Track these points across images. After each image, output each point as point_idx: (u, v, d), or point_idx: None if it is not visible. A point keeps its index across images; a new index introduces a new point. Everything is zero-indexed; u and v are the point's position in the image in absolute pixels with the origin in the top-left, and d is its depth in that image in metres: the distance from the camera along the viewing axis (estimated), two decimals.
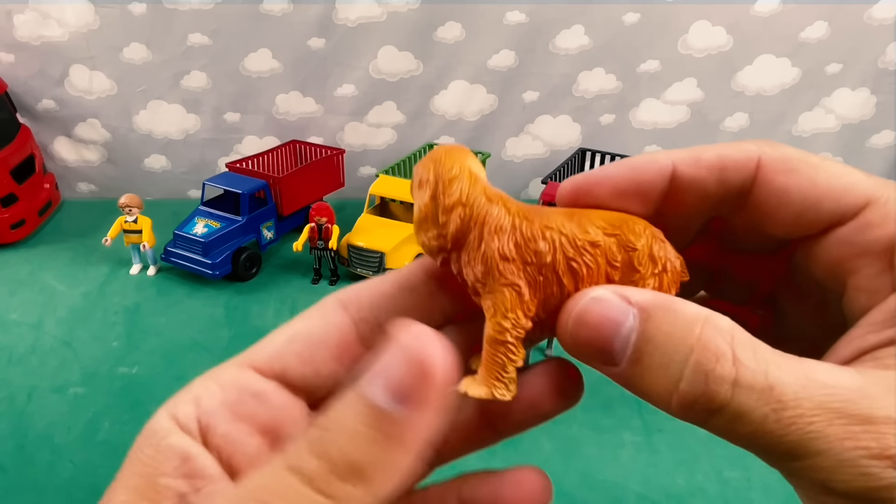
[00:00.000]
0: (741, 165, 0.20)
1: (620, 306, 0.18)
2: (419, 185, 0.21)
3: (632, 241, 0.20)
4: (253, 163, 1.38)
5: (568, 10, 1.37)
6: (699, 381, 0.16)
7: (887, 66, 1.43)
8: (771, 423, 0.16)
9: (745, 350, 0.17)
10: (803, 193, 0.20)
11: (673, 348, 0.17)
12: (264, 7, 1.35)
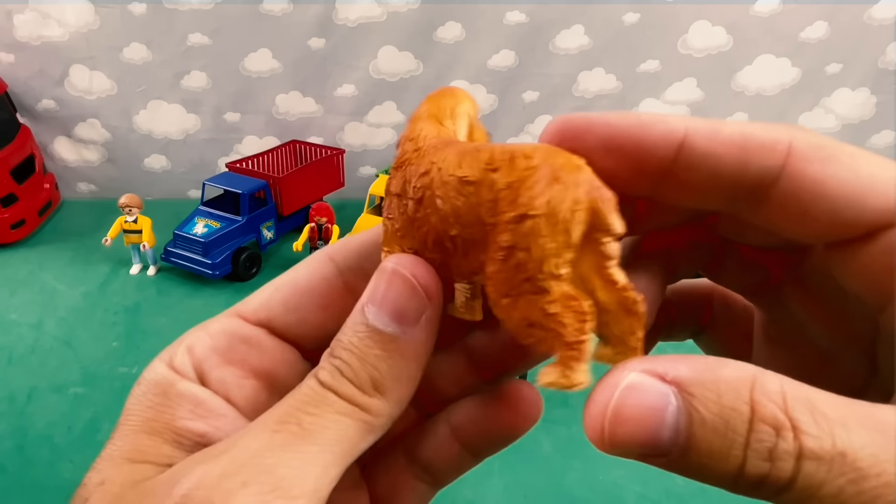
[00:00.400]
0: (768, 148, 0.16)
1: (658, 389, 0.15)
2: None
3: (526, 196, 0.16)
4: (253, 163, 1.38)
5: (568, 10, 1.37)
6: (764, 460, 0.14)
7: (887, 66, 1.43)
8: (848, 497, 0.14)
9: (802, 411, 0.14)
10: (845, 187, 0.16)
11: (729, 429, 0.14)
12: (264, 7, 1.35)
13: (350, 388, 0.18)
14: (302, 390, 0.18)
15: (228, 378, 0.20)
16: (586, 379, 0.17)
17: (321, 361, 0.19)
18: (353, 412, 0.18)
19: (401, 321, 0.19)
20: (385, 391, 0.19)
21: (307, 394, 0.18)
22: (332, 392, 0.18)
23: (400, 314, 0.19)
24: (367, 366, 0.18)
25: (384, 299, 0.19)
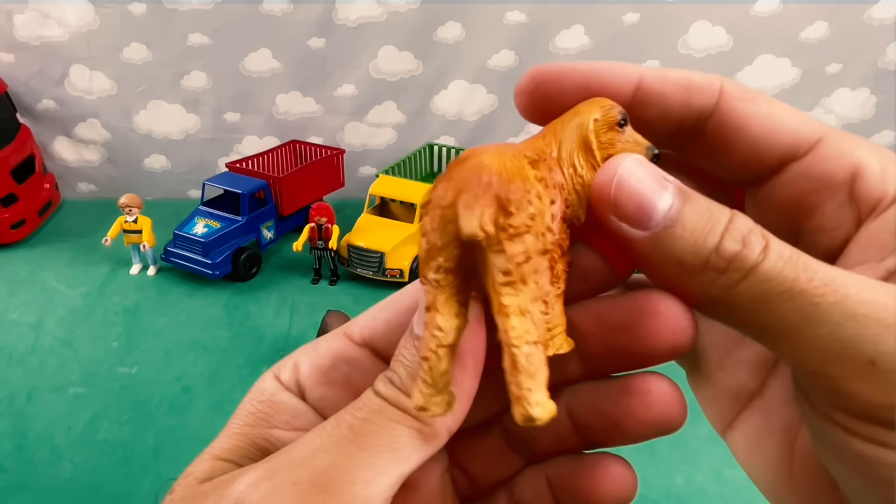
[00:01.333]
0: (705, 88, 0.20)
1: (662, 175, 0.18)
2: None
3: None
4: (253, 163, 1.38)
5: (568, 10, 1.37)
6: (736, 242, 0.17)
7: (887, 66, 1.43)
8: (802, 282, 0.16)
9: (771, 237, 0.17)
10: (762, 121, 0.20)
11: (714, 216, 0.17)
12: (264, 7, 1.35)
13: (400, 395, 0.19)
14: (360, 399, 0.19)
15: (328, 396, 0.21)
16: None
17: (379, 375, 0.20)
18: (404, 419, 0.19)
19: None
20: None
21: (363, 401, 0.19)
22: (383, 399, 0.19)
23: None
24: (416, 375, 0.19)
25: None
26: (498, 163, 0.17)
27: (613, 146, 0.20)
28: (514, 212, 0.16)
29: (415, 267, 1.19)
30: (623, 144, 0.20)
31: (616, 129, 0.20)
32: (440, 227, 0.17)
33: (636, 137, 0.20)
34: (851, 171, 0.19)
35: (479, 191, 0.16)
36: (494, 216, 0.16)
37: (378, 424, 0.18)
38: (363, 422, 0.18)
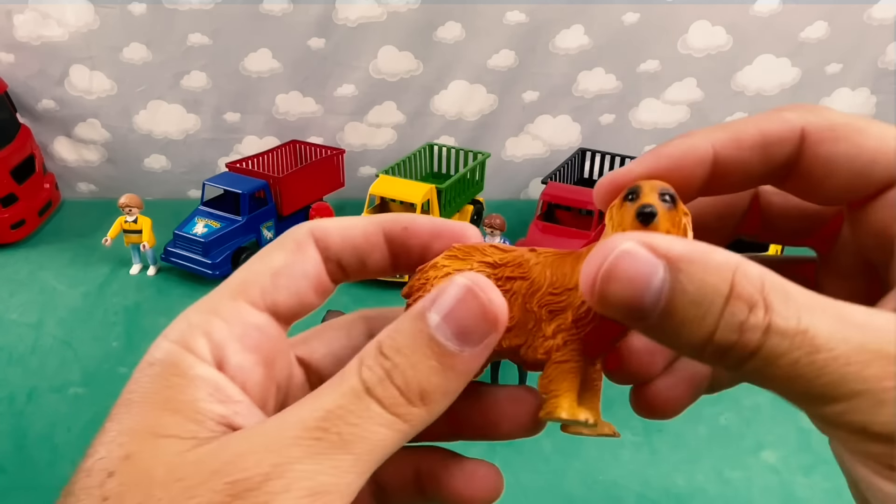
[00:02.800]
0: (785, 139, 0.20)
1: (650, 260, 0.17)
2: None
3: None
4: (253, 163, 1.38)
5: (568, 9, 1.37)
6: (733, 331, 0.16)
7: (887, 66, 1.43)
8: (804, 365, 0.16)
9: (777, 295, 0.16)
10: (851, 161, 0.19)
11: (708, 300, 0.17)
12: (264, 7, 1.35)
13: (396, 396, 0.18)
14: (343, 391, 0.19)
15: (245, 365, 0.21)
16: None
17: (367, 360, 0.19)
18: (394, 423, 0.18)
19: (464, 340, 0.19)
20: (430, 403, 0.19)
21: (350, 399, 0.18)
22: (376, 401, 0.18)
23: (466, 333, 0.19)
24: (420, 375, 0.19)
25: (452, 314, 0.19)
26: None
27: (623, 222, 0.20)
28: None
29: None
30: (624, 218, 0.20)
31: (625, 203, 0.20)
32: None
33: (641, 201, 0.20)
34: None
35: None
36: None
37: (367, 430, 0.18)
38: (353, 427, 0.18)
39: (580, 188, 1.27)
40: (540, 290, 0.21)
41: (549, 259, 0.22)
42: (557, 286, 0.21)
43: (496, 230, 1.12)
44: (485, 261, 0.22)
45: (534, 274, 0.21)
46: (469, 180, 1.40)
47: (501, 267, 0.22)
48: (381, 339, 0.19)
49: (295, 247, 0.23)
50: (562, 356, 0.21)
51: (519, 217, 1.33)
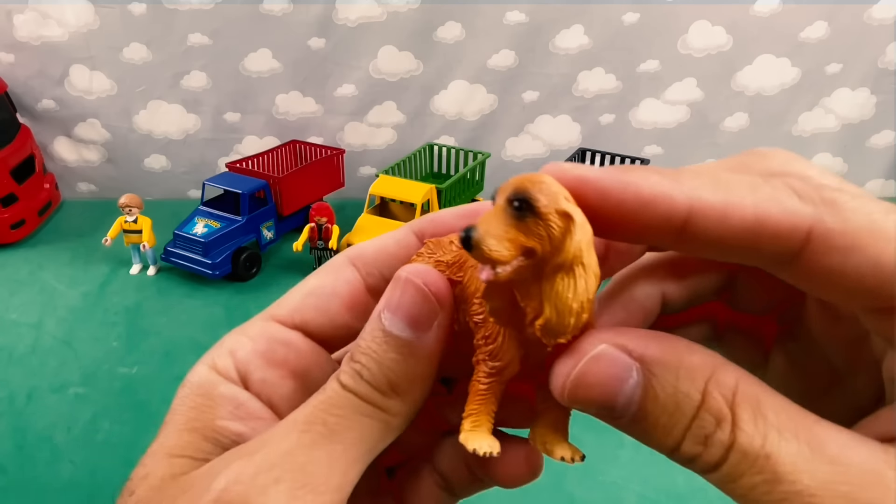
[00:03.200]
0: (786, 235, 0.16)
1: (623, 362, 0.16)
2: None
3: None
4: (253, 163, 1.38)
5: (568, 10, 1.37)
6: (699, 444, 0.16)
7: (887, 66, 1.43)
8: (760, 493, 0.15)
9: (747, 410, 0.15)
10: (863, 278, 0.15)
11: (677, 410, 0.16)
12: (264, 7, 1.35)
13: (369, 389, 0.19)
14: (326, 392, 0.20)
15: (270, 379, 0.22)
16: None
17: (342, 365, 0.20)
18: (374, 413, 0.20)
19: (415, 327, 0.20)
20: (401, 392, 0.20)
21: (331, 396, 0.20)
22: (353, 394, 0.19)
23: (414, 320, 0.20)
24: (385, 368, 0.20)
25: (399, 306, 0.20)
26: None
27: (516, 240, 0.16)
28: None
29: None
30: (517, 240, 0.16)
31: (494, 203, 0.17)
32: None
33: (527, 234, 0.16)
34: None
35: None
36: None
37: (351, 420, 0.19)
38: (337, 418, 0.19)
39: None
40: (469, 299, 0.20)
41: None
42: (479, 295, 0.19)
43: None
44: (439, 259, 0.21)
45: (466, 278, 0.20)
46: (469, 180, 1.40)
47: (450, 266, 0.21)
48: (351, 349, 0.20)
49: (328, 270, 0.24)
50: (474, 376, 0.20)
51: None
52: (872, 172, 1.58)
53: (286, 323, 0.23)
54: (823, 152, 1.55)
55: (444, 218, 0.23)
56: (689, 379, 0.16)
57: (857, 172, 1.57)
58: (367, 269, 0.23)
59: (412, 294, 0.20)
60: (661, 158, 1.52)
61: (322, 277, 0.23)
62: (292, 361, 0.22)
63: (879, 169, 1.57)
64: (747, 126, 1.50)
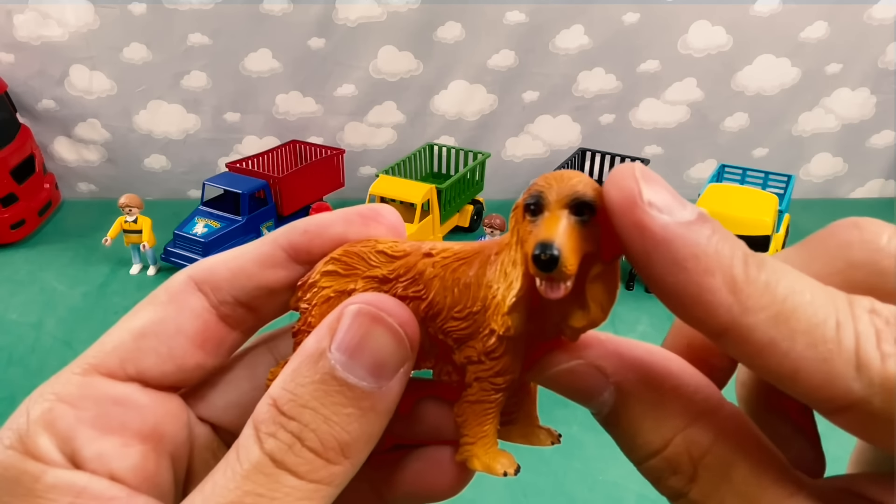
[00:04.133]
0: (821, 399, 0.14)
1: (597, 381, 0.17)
2: None
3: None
4: (253, 163, 1.38)
5: (568, 10, 1.37)
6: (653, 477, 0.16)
7: (887, 66, 1.43)
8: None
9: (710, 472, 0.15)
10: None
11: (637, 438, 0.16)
12: (264, 7, 1.35)
13: (312, 461, 0.15)
14: (245, 471, 0.15)
15: (107, 451, 0.17)
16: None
17: (260, 421, 0.16)
18: (317, 491, 0.15)
19: (380, 375, 0.16)
20: (353, 454, 0.16)
21: (257, 480, 0.15)
22: (288, 473, 0.15)
23: (380, 367, 0.16)
24: (336, 428, 0.15)
25: (359, 349, 0.16)
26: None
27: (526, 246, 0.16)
28: None
29: None
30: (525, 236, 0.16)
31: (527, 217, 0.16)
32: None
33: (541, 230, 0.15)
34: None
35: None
36: None
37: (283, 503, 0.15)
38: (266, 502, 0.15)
39: None
40: (440, 315, 0.17)
41: (448, 268, 0.17)
42: (460, 309, 0.17)
43: (496, 230, 1.13)
44: (371, 275, 0.18)
45: (431, 292, 0.17)
46: (469, 180, 1.40)
47: (392, 282, 0.18)
48: (275, 396, 0.16)
49: (167, 299, 0.19)
50: (473, 395, 0.17)
51: None
52: (872, 172, 1.58)
53: (116, 375, 0.18)
54: (823, 152, 1.55)
55: (324, 225, 0.19)
56: (656, 422, 0.15)
57: (857, 172, 1.57)
58: (219, 295, 0.19)
59: (379, 335, 0.16)
60: (661, 158, 1.52)
61: (160, 310, 0.18)
62: (134, 423, 0.17)
63: (879, 169, 1.57)
64: (747, 126, 1.50)
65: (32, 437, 0.16)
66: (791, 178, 1.34)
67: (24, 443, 0.16)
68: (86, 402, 0.17)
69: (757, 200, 1.16)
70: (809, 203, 1.52)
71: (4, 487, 0.16)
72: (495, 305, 0.16)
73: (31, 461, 0.16)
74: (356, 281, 0.18)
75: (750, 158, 1.51)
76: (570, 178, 0.15)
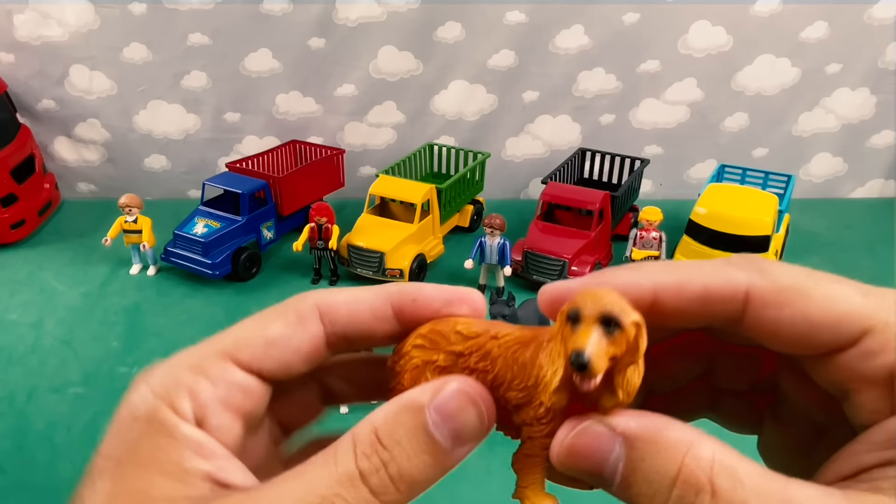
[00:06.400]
0: (728, 298, 0.20)
1: (607, 436, 0.19)
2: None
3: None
4: (253, 163, 1.38)
5: (568, 10, 1.37)
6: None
7: (887, 66, 1.43)
8: None
9: (724, 479, 0.17)
10: (796, 326, 0.20)
11: (658, 480, 0.18)
12: (264, 7, 1.35)
13: (387, 486, 0.19)
14: (338, 476, 0.19)
15: (225, 423, 0.22)
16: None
17: (360, 442, 0.20)
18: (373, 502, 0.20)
19: (458, 442, 0.20)
20: (414, 491, 0.20)
21: (345, 486, 0.19)
22: (368, 489, 0.19)
23: (461, 436, 0.20)
24: (413, 467, 0.20)
25: (451, 416, 0.20)
26: None
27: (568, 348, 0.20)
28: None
29: (414, 267, 1.19)
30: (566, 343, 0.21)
31: (568, 324, 0.20)
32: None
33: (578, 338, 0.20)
34: (890, 372, 0.19)
35: None
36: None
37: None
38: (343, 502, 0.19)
39: (580, 188, 1.27)
40: (503, 384, 0.22)
41: (510, 349, 0.22)
42: (518, 383, 0.22)
43: (496, 230, 1.13)
44: (451, 350, 0.23)
45: (497, 367, 0.22)
46: (469, 180, 1.40)
47: (466, 356, 0.23)
48: (378, 426, 0.20)
49: (296, 319, 0.23)
50: (528, 449, 0.22)
51: (519, 217, 1.33)
52: (872, 172, 1.58)
53: (243, 367, 0.22)
54: (823, 152, 1.55)
55: (427, 299, 0.24)
56: (666, 453, 0.18)
57: (857, 172, 1.57)
58: (335, 328, 0.23)
59: (468, 412, 0.21)
60: (661, 158, 1.52)
61: (289, 329, 0.23)
62: (246, 406, 0.22)
63: (879, 169, 1.57)
64: (747, 126, 1.50)
65: (178, 396, 0.21)
66: (791, 178, 1.34)
67: (170, 398, 0.21)
68: (222, 383, 0.22)
69: (757, 200, 1.16)
70: (809, 203, 1.52)
71: (152, 429, 0.20)
72: (545, 384, 0.21)
73: (173, 413, 0.21)
74: (439, 353, 0.23)
75: (750, 158, 1.51)
76: (602, 298, 0.20)
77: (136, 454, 0.20)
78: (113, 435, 0.21)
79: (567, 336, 0.20)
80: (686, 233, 1.17)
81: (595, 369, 0.19)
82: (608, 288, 0.20)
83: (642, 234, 1.18)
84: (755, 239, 1.11)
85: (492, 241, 1.13)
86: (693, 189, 1.45)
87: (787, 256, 1.27)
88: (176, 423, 0.20)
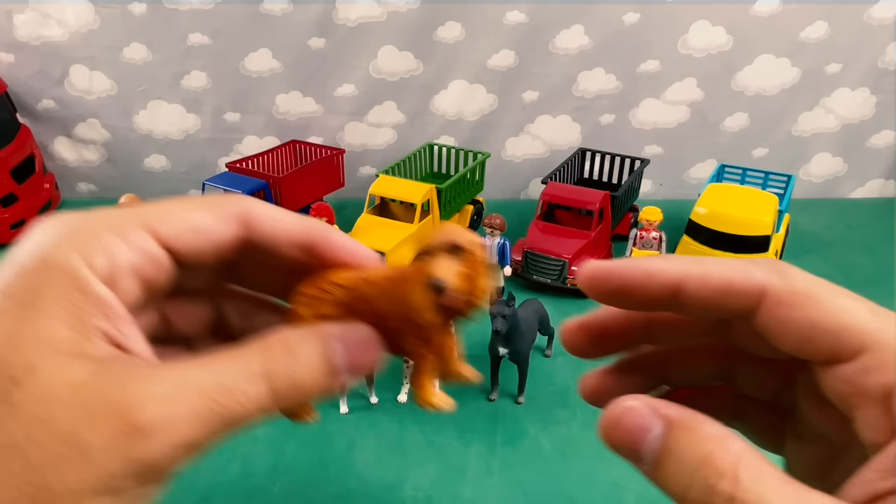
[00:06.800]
0: (746, 292, 0.21)
1: (650, 416, 0.20)
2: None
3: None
4: (253, 163, 1.38)
5: (568, 10, 1.37)
6: (703, 492, 0.18)
7: (887, 66, 1.43)
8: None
9: (748, 471, 0.18)
10: (802, 328, 0.21)
11: (686, 461, 0.19)
12: (264, 7, 1.35)
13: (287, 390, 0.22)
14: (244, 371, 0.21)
15: (129, 288, 0.22)
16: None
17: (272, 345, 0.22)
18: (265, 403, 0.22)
19: (351, 370, 0.23)
20: (301, 394, 0.23)
21: (246, 381, 0.21)
22: (269, 388, 0.22)
23: (356, 366, 0.24)
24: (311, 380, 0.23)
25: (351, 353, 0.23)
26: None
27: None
28: None
29: None
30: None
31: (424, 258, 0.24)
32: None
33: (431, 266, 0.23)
34: (886, 391, 0.19)
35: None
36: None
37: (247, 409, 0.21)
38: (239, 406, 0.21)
39: (580, 188, 1.27)
40: (386, 318, 0.25)
41: (384, 289, 0.25)
42: (398, 314, 0.25)
43: (496, 230, 1.12)
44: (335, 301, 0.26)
45: (377, 305, 0.25)
46: (469, 180, 1.40)
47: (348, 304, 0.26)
48: (290, 339, 0.23)
49: (222, 216, 0.24)
50: (420, 366, 0.26)
51: (519, 217, 1.33)
52: (872, 172, 1.58)
53: (162, 244, 0.23)
54: (823, 152, 1.55)
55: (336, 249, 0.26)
56: (699, 439, 0.19)
57: (857, 172, 1.57)
58: (250, 235, 0.25)
59: (365, 356, 0.24)
60: (661, 158, 1.52)
61: (210, 219, 0.24)
62: (155, 280, 0.23)
63: (879, 169, 1.57)
64: (747, 126, 1.50)
65: (95, 254, 0.21)
66: (791, 178, 1.34)
67: (89, 256, 0.21)
68: (140, 252, 0.22)
69: (757, 200, 1.16)
70: (809, 203, 1.52)
71: (66, 281, 0.21)
72: (417, 310, 0.24)
73: (89, 270, 0.21)
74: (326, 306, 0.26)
75: (750, 158, 1.51)
76: (447, 233, 0.24)
77: (42, 300, 0.20)
78: (20, 275, 0.20)
79: (425, 268, 0.24)
80: (686, 233, 1.17)
81: (449, 287, 0.23)
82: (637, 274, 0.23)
83: (642, 234, 1.18)
84: (755, 239, 1.11)
85: (492, 241, 1.13)
86: (693, 189, 1.46)
87: (787, 256, 1.27)
88: (89, 279, 0.21)
